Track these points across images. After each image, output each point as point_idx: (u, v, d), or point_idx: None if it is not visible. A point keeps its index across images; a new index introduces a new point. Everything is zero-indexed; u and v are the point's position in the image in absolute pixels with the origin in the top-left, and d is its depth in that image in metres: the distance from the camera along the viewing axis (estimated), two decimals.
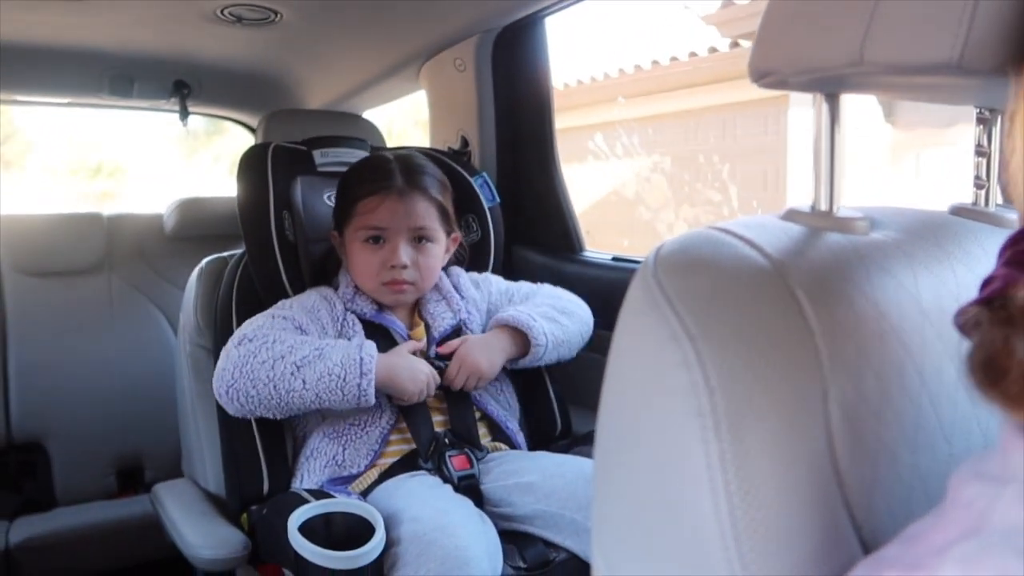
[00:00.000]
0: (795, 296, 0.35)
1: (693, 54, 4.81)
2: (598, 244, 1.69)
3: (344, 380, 1.07)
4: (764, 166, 4.64)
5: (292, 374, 1.07)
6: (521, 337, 1.24)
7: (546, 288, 1.37)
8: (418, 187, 1.23)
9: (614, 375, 0.38)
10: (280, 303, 1.22)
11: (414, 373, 1.15)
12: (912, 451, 0.36)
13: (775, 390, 0.33)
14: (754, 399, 0.32)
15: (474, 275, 1.37)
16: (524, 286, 1.38)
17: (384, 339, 1.22)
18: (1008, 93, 0.35)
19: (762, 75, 0.45)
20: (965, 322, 0.33)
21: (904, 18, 0.35)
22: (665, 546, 0.33)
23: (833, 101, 0.46)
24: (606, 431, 0.38)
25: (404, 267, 1.21)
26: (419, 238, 1.23)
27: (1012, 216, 0.54)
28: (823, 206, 0.46)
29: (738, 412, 0.32)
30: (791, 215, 0.46)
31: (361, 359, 1.09)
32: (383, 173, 1.23)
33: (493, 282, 1.38)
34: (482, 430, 1.25)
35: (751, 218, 0.45)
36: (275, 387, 1.07)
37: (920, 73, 0.36)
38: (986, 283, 0.33)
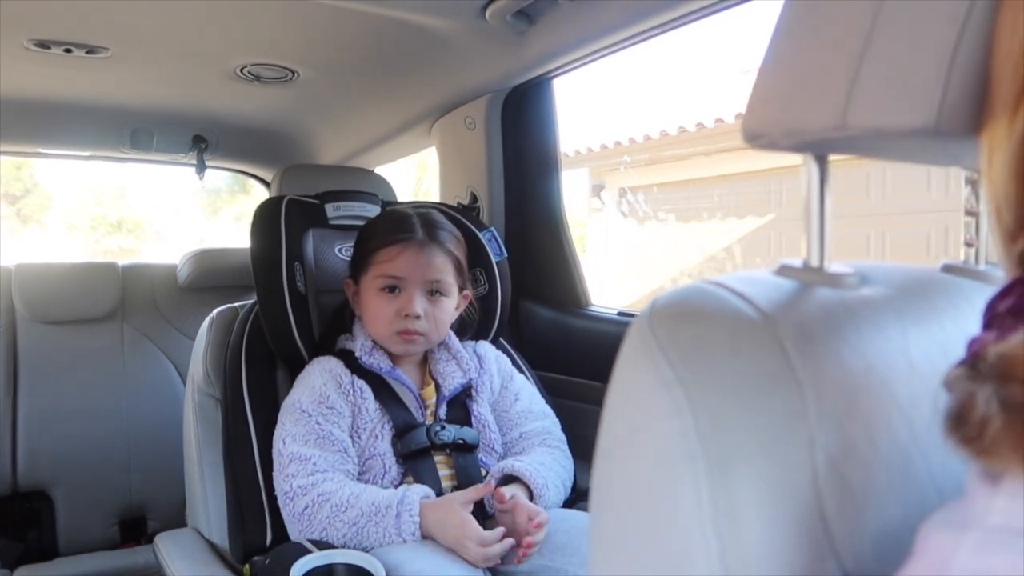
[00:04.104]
0: (783, 347, 0.37)
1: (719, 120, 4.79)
2: None
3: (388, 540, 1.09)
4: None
5: (345, 537, 1.09)
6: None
7: (543, 412, 1.36)
8: (437, 240, 1.26)
9: (609, 420, 0.39)
10: (295, 402, 1.20)
11: (461, 541, 1.07)
12: (902, 502, 0.37)
13: (762, 436, 0.34)
14: (742, 444, 0.34)
15: (468, 344, 1.37)
16: (516, 381, 1.37)
17: (393, 399, 1.24)
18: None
19: (754, 137, 0.47)
20: (948, 382, 0.35)
21: (883, 84, 0.37)
22: None
23: (822, 162, 0.47)
24: (601, 475, 0.39)
25: (417, 317, 1.22)
26: (434, 291, 1.25)
27: (1001, 275, 0.55)
28: (814, 262, 0.47)
29: (726, 456, 0.33)
30: (783, 270, 0.47)
31: (401, 536, 1.08)
32: (404, 225, 1.26)
33: (493, 357, 1.38)
34: None
35: (745, 273, 0.46)
36: (334, 541, 1.10)
37: (900, 137, 0.38)
38: (970, 346, 0.35)
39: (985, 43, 0.35)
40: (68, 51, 1.52)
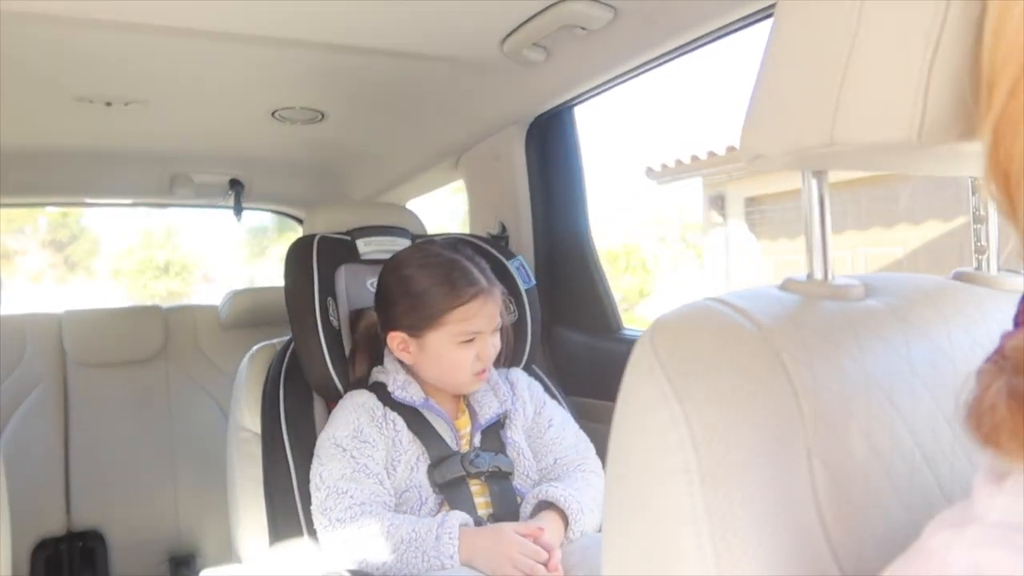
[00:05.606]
0: (780, 359, 0.38)
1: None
2: None
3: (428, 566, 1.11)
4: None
5: (385, 566, 1.12)
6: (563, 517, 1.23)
7: (576, 438, 1.37)
8: (493, 283, 1.29)
9: (615, 436, 0.40)
10: (330, 437, 1.23)
11: (504, 559, 1.10)
12: (907, 507, 0.38)
13: (757, 447, 0.35)
14: (737, 455, 0.34)
15: (501, 371, 1.38)
16: (548, 406, 1.38)
17: (427, 429, 1.26)
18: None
19: (753, 156, 0.49)
20: (977, 374, 0.35)
21: (865, 100, 0.38)
22: None
23: (821, 177, 0.49)
24: (609, 488, 0.40)
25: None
26: (495, 329, 1.29)
27: (1013, 280, 0.55)
28: (818, 275, 0.48)
29: (721, 467, 0.34)
30: (787, 284, 0.48)
31: (440, 559, 1.10)
32: (468, 279, 1.26)
33: (525, 383, 1.39)
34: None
35: (748, 289, 0.47)
36: (374, 572, 1.13)
37: (885, 151, 0.39)
38: (1001, 340, 0.36)
39: (963, 55, 0.36)
40: (108, 104, 1.59)
